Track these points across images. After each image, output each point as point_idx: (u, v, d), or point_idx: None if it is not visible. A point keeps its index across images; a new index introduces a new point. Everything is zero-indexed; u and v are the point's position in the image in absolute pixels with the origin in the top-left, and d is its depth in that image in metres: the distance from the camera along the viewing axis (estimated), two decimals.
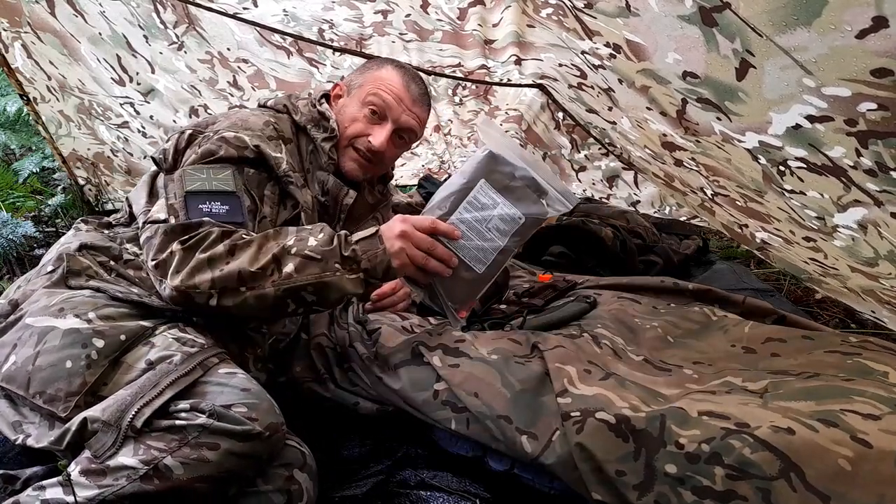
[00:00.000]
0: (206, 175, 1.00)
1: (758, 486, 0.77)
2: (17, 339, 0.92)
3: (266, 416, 0.84)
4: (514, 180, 1.00)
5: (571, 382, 0.99)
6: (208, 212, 0.98)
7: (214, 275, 0.91)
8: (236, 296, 0.92)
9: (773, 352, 1.15)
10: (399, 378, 1.11)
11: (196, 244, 0.93)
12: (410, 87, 1.20)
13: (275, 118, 1.15)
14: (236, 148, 1.04)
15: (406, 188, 3.21)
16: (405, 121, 1.20)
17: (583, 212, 2.45)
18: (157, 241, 0.95)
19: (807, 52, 0.76)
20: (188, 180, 0.99)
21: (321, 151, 1.19)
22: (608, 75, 1.36)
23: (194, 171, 1.00)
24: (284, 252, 0.94)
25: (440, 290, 1.04)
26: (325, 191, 1.19)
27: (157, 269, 0.94)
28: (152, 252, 0.95)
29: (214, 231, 0.94)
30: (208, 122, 1.11)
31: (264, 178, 1.08)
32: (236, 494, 0.86)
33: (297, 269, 0.92)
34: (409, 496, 1.01)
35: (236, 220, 0.99)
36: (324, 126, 1.19)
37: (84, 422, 0.82)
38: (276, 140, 1.11)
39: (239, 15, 1.81)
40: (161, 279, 0.94)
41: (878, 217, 0.98)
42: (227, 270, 0.91)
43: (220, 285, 0.91)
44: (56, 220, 2.69)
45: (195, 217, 0.97)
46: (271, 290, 0.92)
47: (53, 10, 1.86)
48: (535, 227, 1.02)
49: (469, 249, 1.01)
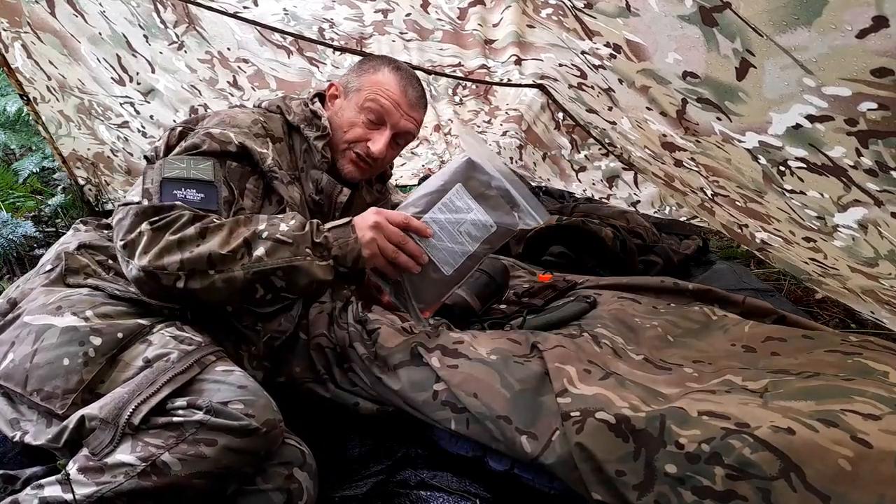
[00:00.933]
0: (185, 164, 1.00)
1: (758, 486, 0.77)
2: (14, 337, 0.93)
3: (263, 412, 0.84)
4: (489, 189, 1.01)
5: (571, 382, 0.99)
6: (182, 198, 0.97)
7: (184, 256, 0.89)
8: (204, 278, 0.90)
9: (773, 351, 1.15)
10: (398, 378, 1.11)
11: (166, 226, 0.92)
12: (408, 91, 1.20)
13: (264, 117, 1.15)
14: (220, 143, 1.04)
15: (406, 188, 3.21)
16: (403, 125, 1.20)
17: (583, 212, 2.45)
18: (128, 222, 0.93)
19: (807, 51, 0.76)
20: (167, 168, 0.99)
21: (314, 150, 1.19)
22: (608, 75, 1.36)
23: (175, 161, 1.00)
24: (255, 236, 0.93)
25: (407, 287, 1.04)
26: (319, 189, 1.20)
27: (124, 249, 0.92)
28: (122, 232, 0.94)
29: (186, 214, 0.93)
30: (198, 119, 1.12)
31: (247, 172, 1.07)
32: (236, 493, 0.86)
33: (267, 252, 0.92)
34: (409, 496, 1.01)
35: (210, 209, 0.98)
36: (316, 125, 1.20)
37: (82, 420, 0.82)
38: (262, 138, 1.11)
39: (239, 14, 1.81)
40: (128, 259, 0.92)
41: (879, 217, 0.98)
42: (197, 252, 0.90)
43: (189, 267, 0.90)
44: (56, 220, 2.69)
45: (168, 201, 0.96)
46: (240, 273, 0.91)
47: (53, 10, 1.86)
48: (505, 239, 1.04)
49: (439, 250, 1.02)
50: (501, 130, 2.80)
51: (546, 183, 3.01)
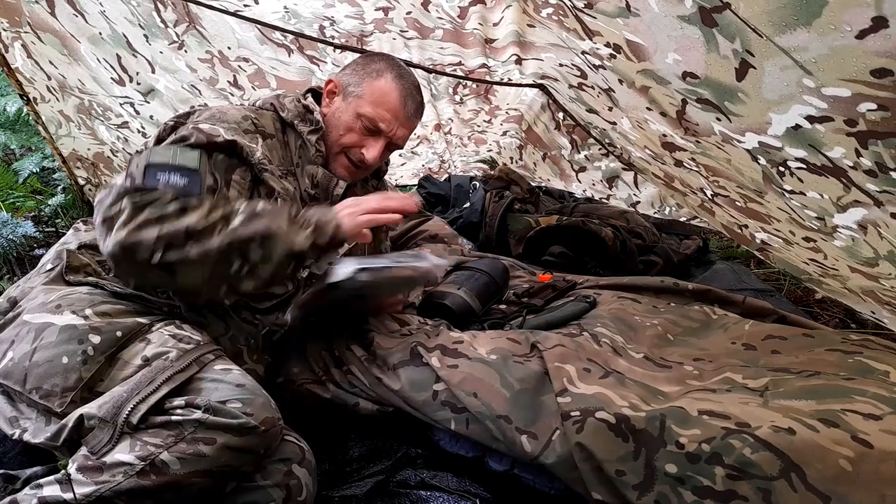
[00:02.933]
0: (172, 152, 0.99)
1: (758, 486, 0.77)
2: (14, 336, 0.93)
3: (261, 410, 0.85)
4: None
5: (571, 381, 0.99)
6: (165, 181, 0.96)
7: (161, 231, 0.89)
8: (180, 251, 0.89)
9: (773, 349, 1.15)
10: (398, 378, 1.11)
11: (147, 203, 0.91)
12: (407, 103, 1.21)
13: (255, 114, 1.16)
14: (208, 136, 1.04)
15: (406, 188, 3.20)
16: (399, 135, 1.23)
17: (583, 212, 2.45)
18: (109, 200, 0.92)
19: (807, 52, 0.76)
20: (154, 154, 0.98)
21: (308, 144, 1.20)
22: (608, 75, 1.36)
23: (162, 149, 1.00)
24: (234, 211, 0.94)
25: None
26: (315, 183, 1.21)
27: (103, 224, 0.91)
28: (102, 209, 0.93)
29: (169, 194, 0.93)
30: (190, 114, 1.12)
31: (234, 164, 1.07)
32: (235, 489, 0.86)
33: (243, 222, 0.92)
34: (409, 496, 1.01)
35: (192, 192, 0.97)
36: (309, 119, 1.21)
37: (81, 419, 0.82)
38: (252, 134, 1.12)
39: (240, 13, 1.81)
40: (107, 234, 0.91)
41: (878, 217, 0.98)
42: (175, 226, 0.89)
43: (166, 240, 0.89)
44: (56, 220, 2.69)
45: (150, 184, 0.95)
46: (216, 242, 0.90)
47: (53, 9, 1.86)
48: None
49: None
50: (501, 130, 2.80)
51: (546, 183, 3.00)
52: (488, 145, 3.04)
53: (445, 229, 2.10)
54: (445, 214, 2.51)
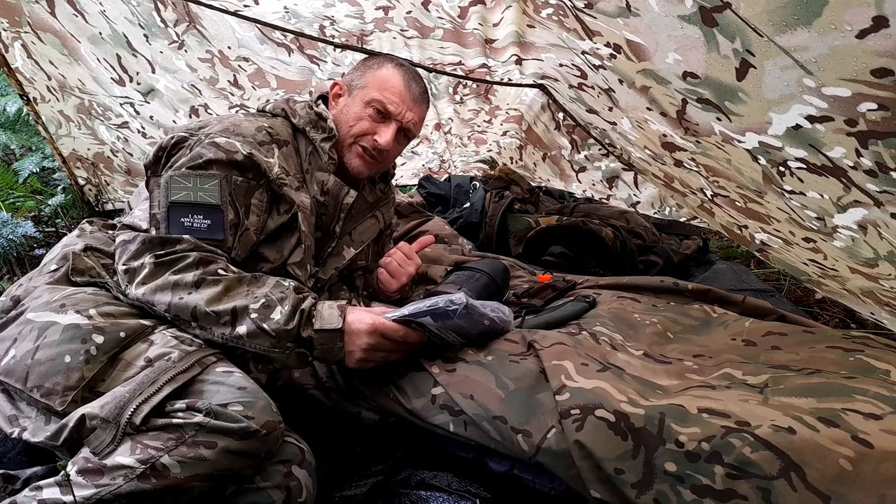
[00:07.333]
0: (192, 184, 1.03)
1: (758, 485, 0.77)
2: (17, 334, 0.93)
3: (262, 413, 0.84)
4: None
5: (569, 377, 0.98)
6: (189, 226, 1.01)
7: (172, 300, 0.95)
8: (187, 326, 0.97)
9: (773, 345, 1.15)
10: (398, 386, 1.10)
11: (169, 263, 0.97)
12: (411, 86, 1.24)
13: (269, 122, 1.17)
14: (226, 152, 1.05)
15: (406, 188, 3.20)
16: (408, 119, 1.25)
17: (583, 212, 2.45)
18: (134, 248, 0.99)
19: (807, 52, 0.76)
20: (174, 188, 1.02)
21: (321, 152, 1.21)
22: (608, 75, 1.36)
23: (181, 179, 1.03)
24: (245, 313, 0.95)
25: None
26: (324, 191, 1.21)
27: (125, 274, 0.98)
28: (126, 256, 0.99)
29: (191, 256, 0.97)
30: (200, 126, 1.12)
31: (252, 187, 1.09)
32: (235, 491, 0.86)
33: (248, 335, 0.95)
34: (409, 496, 1.01)
35: (216, 238, 1.03)
36: (322, 127, 1.22)
37: (82, 419, 0.82)
38: (268, 145, 1.13)
39: (240, 12, 1.82)
40: (127, 284, 0.98)
41: (878, 218, 0.98)
42: (185, 302, 0.94)
43: (174, 312, 0.95)
44: (56, 220, 2.69)
45: (175, 232, 1.01)
46: (218, 338, 0.96)
47: (53, 9, 1.86)
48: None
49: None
50: (502, 130, 2.80)
51: (546, 183, 3.01)
52: (488, 145, 3.04)
53: (446, 229, 2.10)
54: (445, 214, 2.51)
